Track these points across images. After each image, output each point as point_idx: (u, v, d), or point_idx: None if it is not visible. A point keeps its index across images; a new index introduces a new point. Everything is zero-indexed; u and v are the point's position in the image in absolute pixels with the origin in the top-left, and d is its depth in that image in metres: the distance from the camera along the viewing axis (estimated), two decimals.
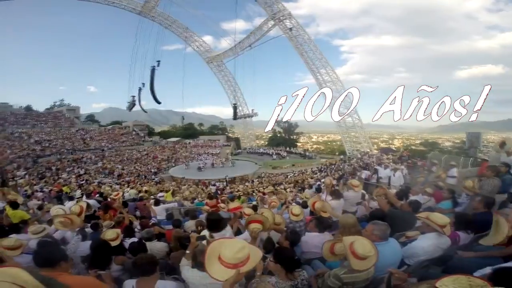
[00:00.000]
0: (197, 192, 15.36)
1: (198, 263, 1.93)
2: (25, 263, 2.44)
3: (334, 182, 9.73)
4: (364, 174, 9.50)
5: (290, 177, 22.24)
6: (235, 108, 36.11)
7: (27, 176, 17.34)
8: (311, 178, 17.66)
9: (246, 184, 19.90)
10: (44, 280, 1.39)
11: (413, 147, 59.23)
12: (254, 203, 7.67)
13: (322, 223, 3.20)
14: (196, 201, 10.79)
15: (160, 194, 10.47)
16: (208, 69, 44.14)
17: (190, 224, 4.87)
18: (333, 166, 23.48)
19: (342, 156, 31.36)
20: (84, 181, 18.61)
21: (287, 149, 39.41)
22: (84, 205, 4.25)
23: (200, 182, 21.73)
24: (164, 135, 56.30)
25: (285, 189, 14.03)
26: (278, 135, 60.16)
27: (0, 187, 8.63)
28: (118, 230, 3.20)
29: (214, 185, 19.91)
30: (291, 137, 59.66)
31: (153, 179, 24.15)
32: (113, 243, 2.89)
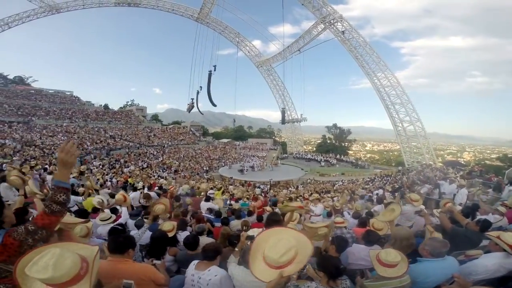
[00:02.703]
0: (242, 192, 15.80)
1: (245, 261, 1.99)
2: None
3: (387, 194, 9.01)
4: (425, 188, 8.63)
5: (339, 185, 21.22)
6: (283, 112, 36.24)
7: (100, 166, 20.25)
8: (363, 188, 16.53)
9: (290, 189, 19.68)
10: None
11: (487, 162, 50.54)
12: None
13: (369, 236, 3.08)
14: (241, 201, 11.11)
15: (211, 191, 11.09)
16: (258, 73, 45.17)
17: (235, 223, 5.07)
18: (388, 178, 21.60)
19: (400, 168, 28.64)
20: (146, 174, 20.90)
21: (337, 156, 37.69)
22: (126, 195, 4.78)
23: (246, 183, 22.31)
24: (217, 135, 59.71)
25: (332, 198, 13.44)
26: (328, 141, 58.02)
27: (79, 175, 10.29)
28: (175, 223, 3.50)
29: (259, 187, 20.21)
30: (343, 144, 56.92)
31: (204, 176, 25.74)
32: (169, 234, 3.15)
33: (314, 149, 60.94)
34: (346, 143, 58.71)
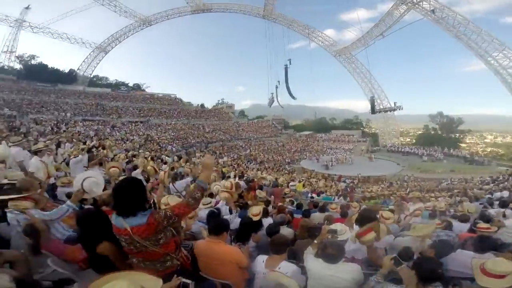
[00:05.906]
0: (326, 186, 15.41)
1: (324, 254, 2.02)
2: (195, 229, 3.27)
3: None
4: None
5: (446, 184, 17.76)
6: (372, 101, 32.64)
7: (201, 157, 23.47)
8: (480, 189, 13.30)
9: (382, 185, 17.81)
10: None
11: None
12: (391, 207, 6.84)
13: (482, 243, 2.57)
14: (323, 195, 10.91)
15: (292, 183, 11.36)
16: (335, 62, 42.23)
17: (317, 216, 5.07)
18: None
19: None
20: (236, 165, 23.11)
21: (445, 150, 31.50)
22: (234, 182, 5.35)
23: (329, 176, 21.56)
24: (298, 128, 59.56)
25: (436, 197, 11.40)
26: (432, 132, 49.06)
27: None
28: (261, 207, 3.82)
29: (344, 181, 19.19)
30: (452, 135, 46.99)
31: (286, 168, 26.35)
32: (255, 218, 3.48)
33: (414, 141, 52.57)
34: (457, 134, 48.19)
